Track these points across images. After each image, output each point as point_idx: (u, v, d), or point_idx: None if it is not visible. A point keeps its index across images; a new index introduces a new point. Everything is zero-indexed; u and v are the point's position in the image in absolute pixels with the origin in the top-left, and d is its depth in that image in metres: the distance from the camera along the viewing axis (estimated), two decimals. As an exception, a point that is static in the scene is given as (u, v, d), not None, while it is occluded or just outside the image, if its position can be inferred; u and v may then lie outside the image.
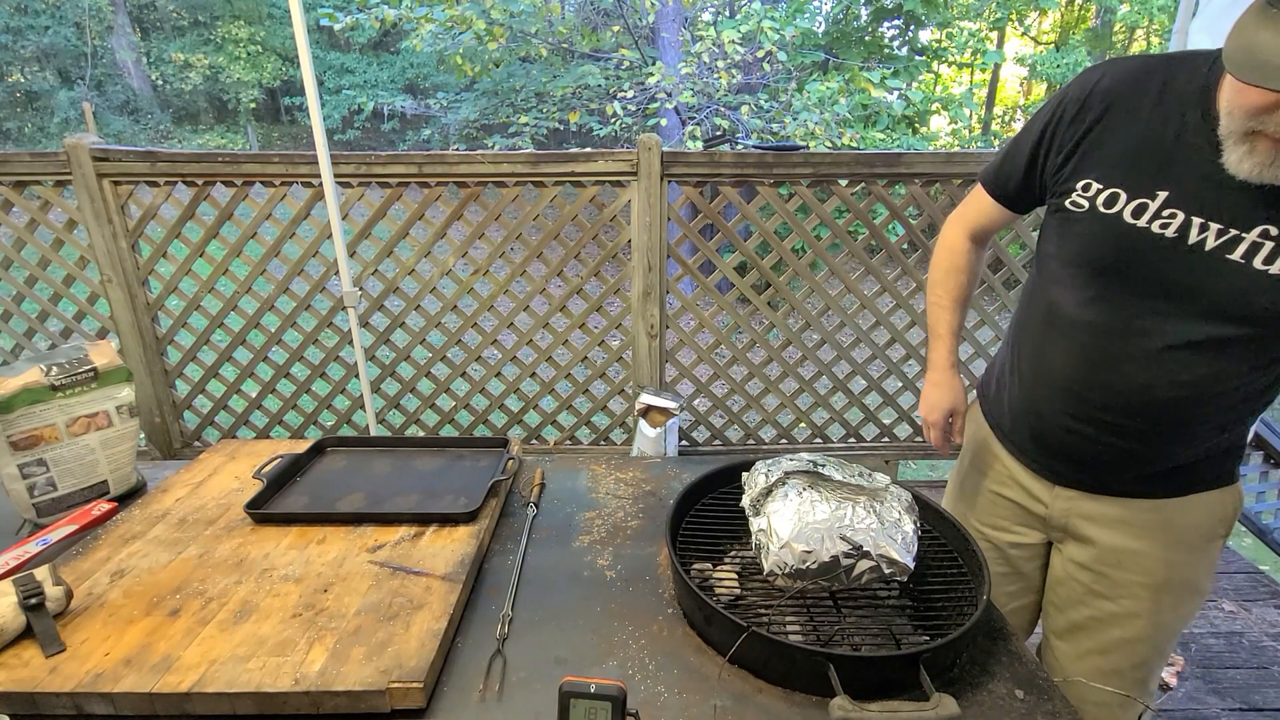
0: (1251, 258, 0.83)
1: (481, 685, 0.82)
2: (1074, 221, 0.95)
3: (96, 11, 13.25)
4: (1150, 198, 0.87)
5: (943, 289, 1.22)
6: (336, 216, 2.36)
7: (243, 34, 14.13)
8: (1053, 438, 1.05)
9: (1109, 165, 0.91)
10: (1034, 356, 1.06)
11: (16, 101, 13.42)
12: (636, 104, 7.29)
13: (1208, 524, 1.01)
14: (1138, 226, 0.89)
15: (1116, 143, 0.91)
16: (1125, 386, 0.94)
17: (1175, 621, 1.06)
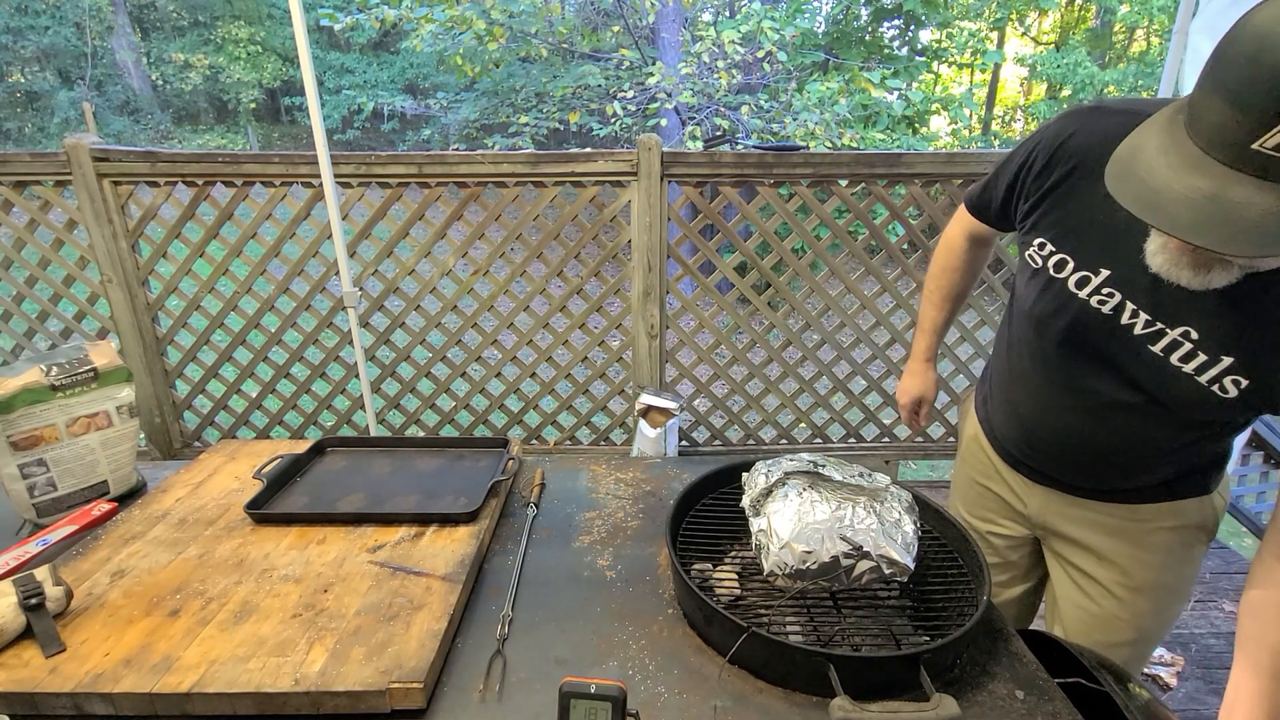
0: (1170, 353, 0.84)
1: (482, 685, 0.82)
2: (1032, 274, 0.97)
3: (96, 12, 13.25)
4: (1094, 273, 0.89)
5: (935, 284, 1.27)
6: (336, 217, 2.37)
7: (243, 34, 14.13)
8: (1023, 451, 1.10)
9: (1064, 229, 0.92)
10: (1002, 381, 1.11)
11: (17, 102, 13.42)
12: (636, 104, 7.29)
13: (1184, 530, 1.02)
14: (1079, 297, 0.90)
15: (1074, 208, 0.90)
16: (1072, 432, 0.99)
17: (1155, 626, 1.07)
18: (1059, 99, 11.80)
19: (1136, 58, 11.57)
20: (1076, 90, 10.79)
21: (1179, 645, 1.95)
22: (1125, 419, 0.92)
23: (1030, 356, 1.01)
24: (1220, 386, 0.81)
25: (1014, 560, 1.21)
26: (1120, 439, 0.94)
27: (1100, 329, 0.89)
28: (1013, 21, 12.09)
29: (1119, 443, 0.95)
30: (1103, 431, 0.95)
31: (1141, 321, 0.85)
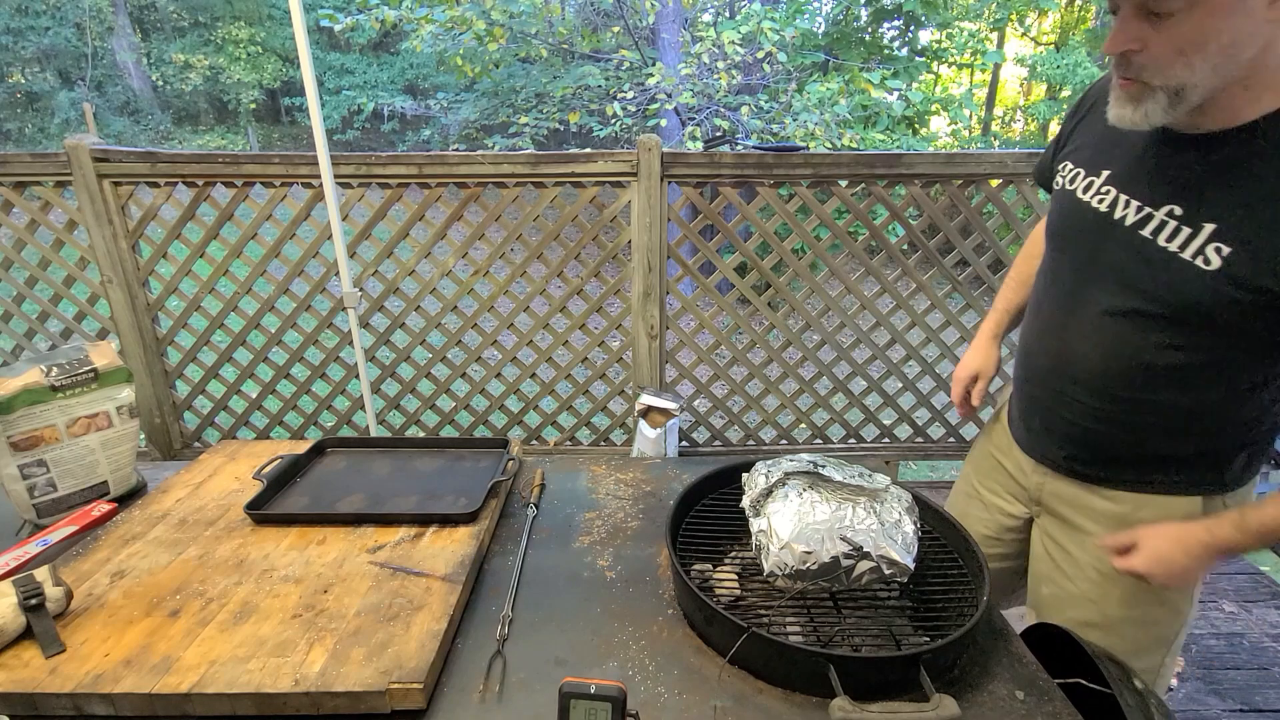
0: (1158, 235, 0.87)
1: (481, 686, 0.82)
2: (1053, 199, 1.05)
3: (97, 12, 13.26)
4: (1096, 175, 0.95)
5: (1013, 271, 1.29)
6: (336, 217, 2.37)
7: (243, 35, 14.14)
8: (1026, 410, 1.11)
9: (1082, 148, 1.00)
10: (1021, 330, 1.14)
11: (17, 102, 13.42)
12: (636, 105, 7.29)
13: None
14: (1081, 201, 0.96)
15: (1093, 130, 0.99)
16: (1070, 354, 0.98)
17: (1125, 622, 1.06)
18: (1059, 99, 11.80)
19: None
20: (1076, 91, 10.79)
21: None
22: (1117, 330, 0.92)
23: (1044, 279, 1.05)
24: (1203, 258, 0.82)
25: (1005, 540, 1.23)
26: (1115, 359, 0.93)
27: (1097, 228, 0.93)
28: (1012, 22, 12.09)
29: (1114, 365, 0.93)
30: (1099, 350, 0.94)
31: (1133, 209, 0.89)
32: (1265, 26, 0.72)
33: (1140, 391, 0.93)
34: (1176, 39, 0.74)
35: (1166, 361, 0.89)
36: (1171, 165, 0.86)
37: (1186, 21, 0.73)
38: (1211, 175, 0.82)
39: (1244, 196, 0.80)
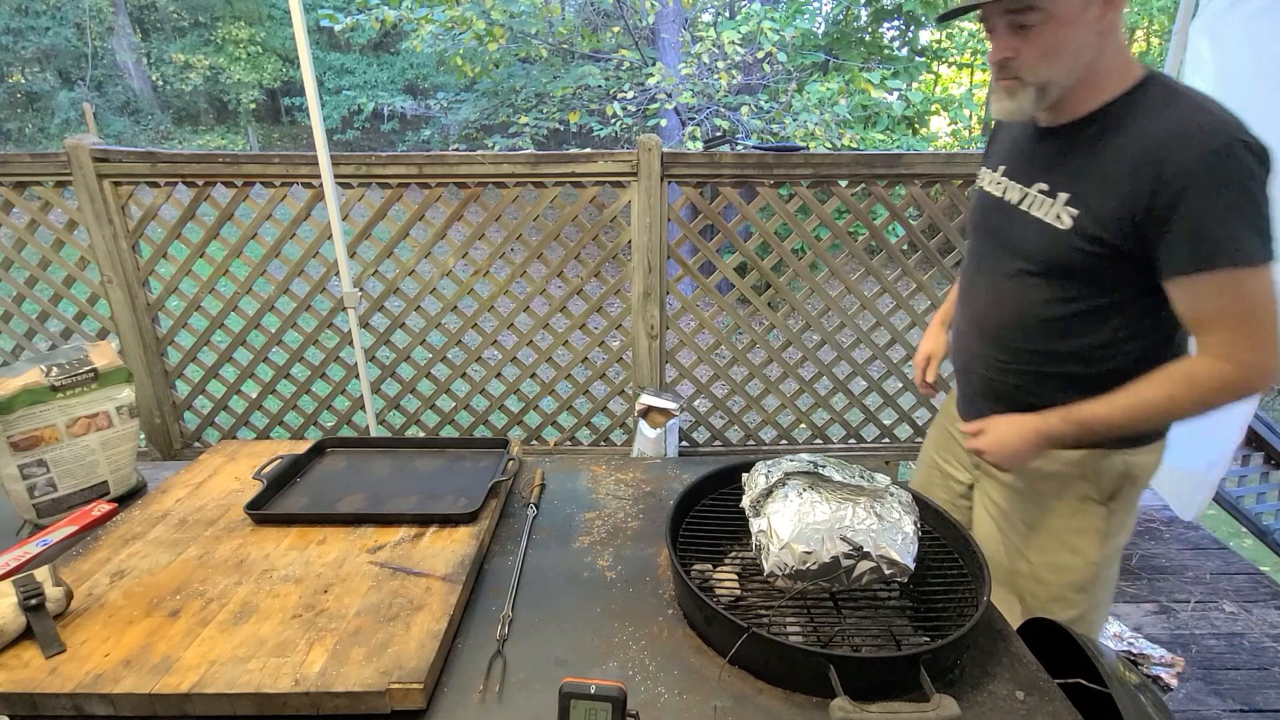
0: (1030, 207, 1.06)
1: (481, 686, 0.82)
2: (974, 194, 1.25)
3: (97, 12, 13.26)
4: (996, 171, 1.17)
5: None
6: (336, 217, 2.37)
7: (243, 35, 14.13)
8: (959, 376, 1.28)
9: (991, 155, 1.22)
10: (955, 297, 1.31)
11: (17, 102, 13.42)
12: (636, 105, 7.29)
13: (1072, 483, 1.12)
14: (987, 193, 1.18)
15: (998, 140, 1.22)
16: (981, 316, 1.16)
17: (1043, 568, 1.17)
18: (1059, 99, 11.78)
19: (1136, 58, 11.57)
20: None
21: (1179, 646, 1.95)
22: (1010, 288, 1.09)
23: (965, 263, 1.24)
24: (1060, 220, 1.01)
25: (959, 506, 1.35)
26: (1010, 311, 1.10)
27: (996, 211, 1.14)
28: (1013, 22, 12.07)
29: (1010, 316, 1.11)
30: (997, 305, 1.12)
31: (1017, 192, 1.10)
32: (1096, 38, 0.95)
33: (1035, 343, 1.08)
34: (1039, 46, 0.96)
35: (1051, 314, 1.05)
36: (1040, 152, 1.07)
37: (1044, 33, 0.94)
38: (1065, 155, 1.03)
39: (1084, 169, 0.99)
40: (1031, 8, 0.93)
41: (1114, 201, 0.94)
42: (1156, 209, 0.91)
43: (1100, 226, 0.96)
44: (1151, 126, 0.93)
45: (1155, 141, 0.91)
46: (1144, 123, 0.94)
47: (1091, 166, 0.98)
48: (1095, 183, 0.97)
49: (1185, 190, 0.88)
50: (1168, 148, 0.90)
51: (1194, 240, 0.89)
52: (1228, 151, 0.87)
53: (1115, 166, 0.95)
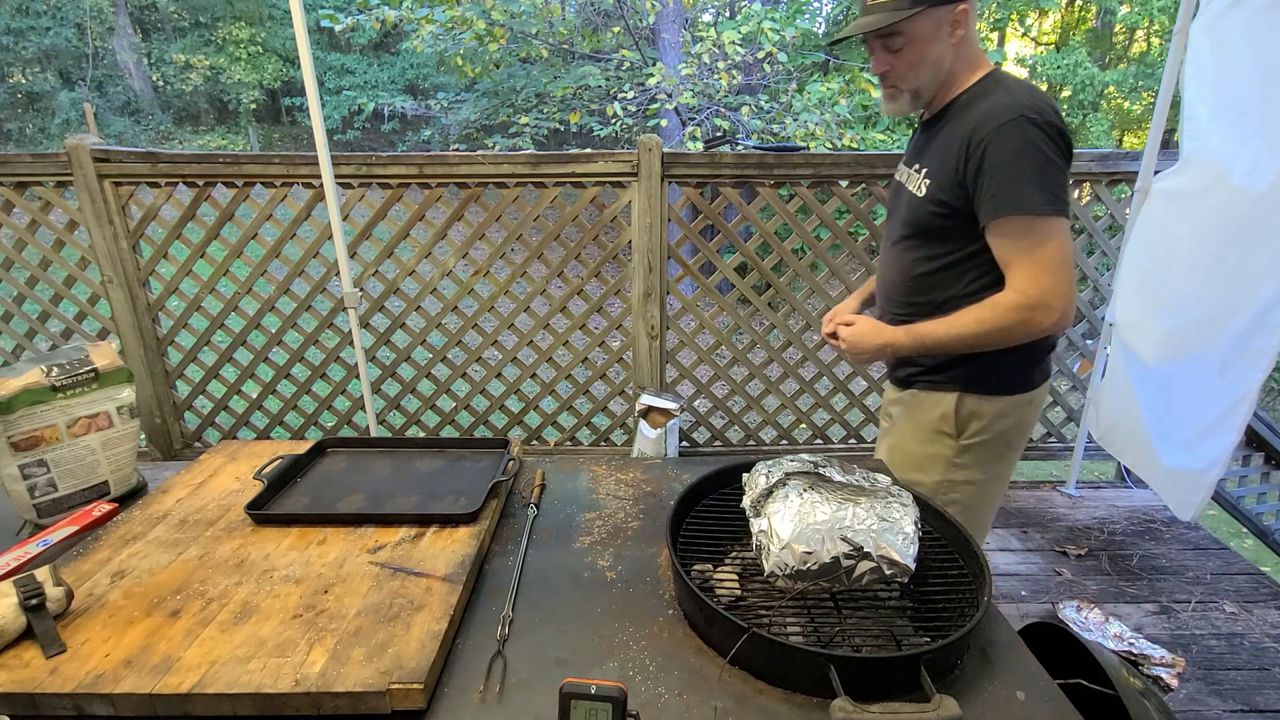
0: (909, 183, 1.31)
1: (482, 686, 0.82)
2: None
3: (97, 13, 13.26)
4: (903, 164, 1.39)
5: None
6: (337, 217, 2.37)
7: (243, 35, 14.14)
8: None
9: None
10: None
11: (18, 102, 13.43)
12: (637, 105, 7.29)
13: (933, 418, 1.35)
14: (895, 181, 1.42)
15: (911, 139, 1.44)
16: (884, 281, 1.41)
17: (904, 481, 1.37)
18: (1059, 99, 11.79)
19: (1137, 58, 11.57)
20: (1077, 91, 10.78)
21: (1180, 646, 1.95)
22: (898, 252, 1.34)
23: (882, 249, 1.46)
24: (919, 187, 1.26)
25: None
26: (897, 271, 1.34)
27: (895, 192, 1.40)
28: (1013, 22, 12.08)
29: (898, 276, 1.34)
30: (891, 267, 1.36)
31: (904, 174, 1.35)
32: (951, 49, 1.20)
33: (915, 296, 1.32)
34: (908, 62, 1.22)
35: (921, 270, 1.29)
36: (920, 140, 1.33)
37: (910, 51, 1.20)
38: (931, 140, 1.27)
39: (936, 148, 1.24)
40: (896, 34, 1.18)
41: (949, 170, 1.19)
42: (970, 171, 1.15)
43: (941, 190, 1.21)
44: (976, 108, 1.17)
45: (973, 120, 1.16)
46: (972, 107, 1.19)
47: (940, 145, 1.23)
48: (939, 156, 1.22)
49: (985, 153, 1.12)
50: (979, 124, 1.14)
51: (992, 192, 1.12)
52: (1016, 123, 1.10)
53: (950, 142, 1.19)
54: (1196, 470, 2.05)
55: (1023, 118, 1.10)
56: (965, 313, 1.19)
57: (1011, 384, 1.30)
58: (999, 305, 1.15)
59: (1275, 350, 1.84)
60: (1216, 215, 1.93)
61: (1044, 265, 1.11)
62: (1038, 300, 1.12)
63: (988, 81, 1.21)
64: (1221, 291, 1.91)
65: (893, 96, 1.27)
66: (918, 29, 1.16)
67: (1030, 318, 1.13)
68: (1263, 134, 1.79)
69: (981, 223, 1.17)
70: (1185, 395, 2.09)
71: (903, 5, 1.15)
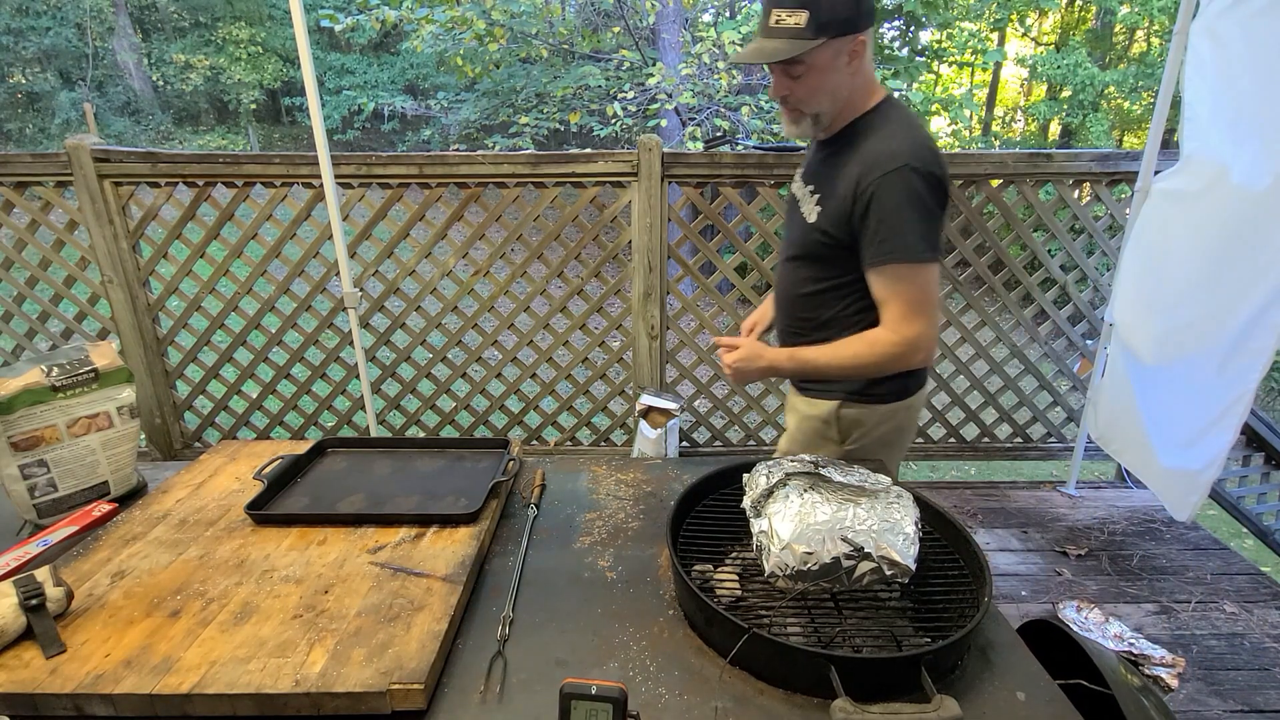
0: (803, 205, 1.34)
1: (482, 687, 0.82)
2: None
3: (97, 13, 13.26)
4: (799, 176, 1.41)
5: None
6: (337, 217, 2.37)
7: (243, 35, 14.13)
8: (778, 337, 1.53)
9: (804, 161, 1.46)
10: None
11: (18, 103, 13.42)
12: (637, 105, 7.29)
13: (818, 423, 1.42)
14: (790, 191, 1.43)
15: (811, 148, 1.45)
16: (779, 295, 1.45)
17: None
18: (1059, 100, 11.80)
19: (1137, 59, 11.56)
20: (1077, 91, 10.78)
21: (1180, 646, 1.95)
22: (791, 270, 1.38)
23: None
24: (810, 212, 1.30)
25: None
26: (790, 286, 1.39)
27: (789, 209, 1.42)
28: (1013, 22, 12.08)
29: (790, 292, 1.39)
30: (785, 283, 1.41)
31: (801, 191, 1.36)
32: (849, 77, 1.23)
33: (801, 312, 1.38)
34: (808, 88, 1.24)
35: (808, 290, 1.35)
36: (815, 160, 1.35)
37: (809, 79, 1.22)
38: (825, 163, 1.31)
39: (830, 175, 1.27)
40: (798, 62, 1.20)
41: (838, 204, 1.23)
42: (857, 214, 1.20)
43: (829, 223, 1.26)
44: (866, 146, 1.22)
45: (863, 160, 1.20)
46: (864, 142, 1.23)
47: (833, 174, 1.26)
48: (831, 187, 1.26)
49: (871, 200, 1.18)
50: (867, 166, 1.19)
51: (880, 239, 1.19)
52: (901, 173, 1.16)
53: (843, 175, 1.23)
54: (1193, 470, 2.05)
55: (907, 167, 1.16)
56: (845, 345, 1.28)
57: (889, 394, 1.38)
58: (877, 344, 1.24)
59: (1273, 349, 1.84)
60: (1215, 215, 1.93)
61: (918, 309, 1.21)
62: (912, 342, 1.23)
63: (884, 110, 1.26)
64: (1220, 291, 1.91)
65: (795, 119, 1.29)
66: (818, 58, 1.19)
67: (902, 354, 1.23)
68: (1261, 134, 1.79)
69: (865, 264, 1.24)
70: (1184, 395, 2.09)
71: (805, 35, 1.17)
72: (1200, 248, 1.98)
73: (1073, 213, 2.51)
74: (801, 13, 1.16)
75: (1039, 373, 2.77)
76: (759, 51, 1.21)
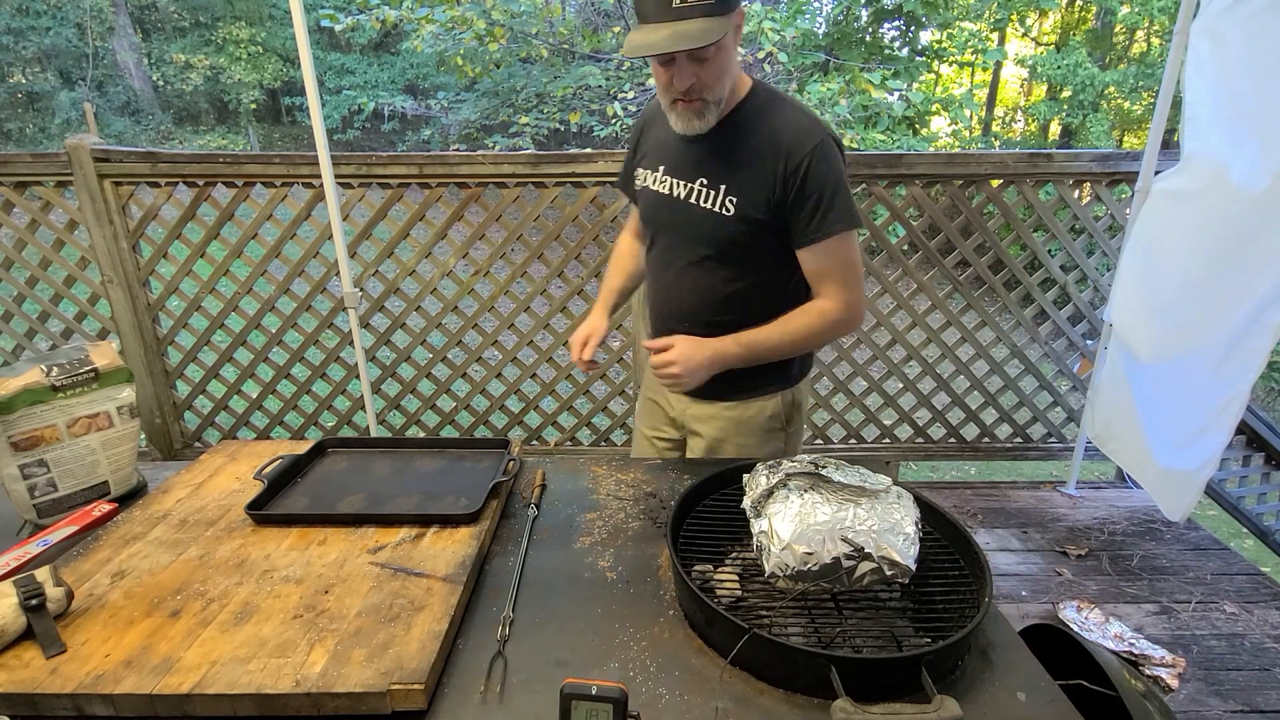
0: (699, 199, 1.26)
1: (483, 687, 0.82)
2: (640, 197, 1.40)
3: (98, 13, 13.26)
4: (658, 171, 1.33)
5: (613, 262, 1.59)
6: (337, 217, 2.37)
7: (244, 35, 14.13)
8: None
9: (647, 155, 1.38)
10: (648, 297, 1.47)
11: (18, 102, 13.43)
12: (637, 105, 7.28)
13: (764, 419, 1.40)
14: (654, 190, 1.35)
15: (650, 141, 1.38)
16: (675, 300, 1.35)
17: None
18: (1059, 100, 11.79)
19: (1137, 59, 11.56)
20: (1077, 91, 10.77)
21: (1180, 647, 1.95)
22: (695, 275, 1.30)
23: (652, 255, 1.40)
24: (724, 207, 1.22)
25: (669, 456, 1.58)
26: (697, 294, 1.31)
27: (668, 207, 1.31)
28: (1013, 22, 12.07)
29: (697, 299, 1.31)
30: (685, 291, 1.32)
31: (683, 187, 1.28)
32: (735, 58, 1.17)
33: (720, 316, 1.30)
34: (715, 70, 1.14)
35: (728, 291, 1.29)
36: (693, 153, 1.26)
37: (717, 59, 1.13)
38: (715, 154, 1.23)
39: (735, 164, 1.22)
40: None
41: (760, 189, 1.19)
42: (790, 195, 1.17)
43: (754, 209, 1.21)
44: (774, 126, 1.19)
45: (780, 140, 1.17)
46: (766, 123, 1.19)
47: (734, 162, 1.22)
48: (744, 174, 1.21)
49: (805, 179, 1.16)
50: (789, 145, 1.16)
51: (819, 215, 1.18)
52: (826, 145, 1.16)
53: (757, 160, 1.19)
54: (1189, 471, 2.05)
55: (827, 139, 1.16)
56: (793, 320, 1.25)
57: (803, 369, 1.44)
58: (826, 314, 1.25)
59: (1269, 350, 1.84)
60: (1214, 215, 1.93)
61: (854, 278, 1.24)
62: (853, 310, 1.26)
63: (762, 91, 1.22)
64: (1218, 291, 1.91)
65: (700, 111, 1.18)
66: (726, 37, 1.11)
67: (847, 321, 1.27)
68: (1261, 134, 1.79)
69: (803, 242, 1.21)
70: (1180, 395, 2.09)
71: (717, 11, 1.07)
72: (1199, 248, 1.98)
73: (1073, 213, 2.51)
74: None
75: (1039, 373, 2.77)
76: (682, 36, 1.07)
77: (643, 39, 1.10)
